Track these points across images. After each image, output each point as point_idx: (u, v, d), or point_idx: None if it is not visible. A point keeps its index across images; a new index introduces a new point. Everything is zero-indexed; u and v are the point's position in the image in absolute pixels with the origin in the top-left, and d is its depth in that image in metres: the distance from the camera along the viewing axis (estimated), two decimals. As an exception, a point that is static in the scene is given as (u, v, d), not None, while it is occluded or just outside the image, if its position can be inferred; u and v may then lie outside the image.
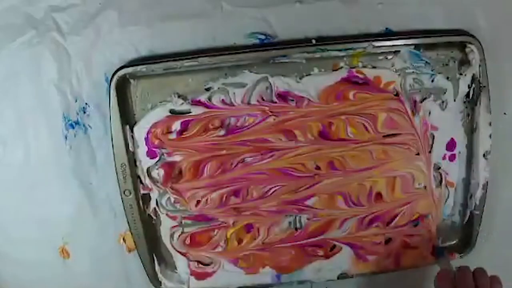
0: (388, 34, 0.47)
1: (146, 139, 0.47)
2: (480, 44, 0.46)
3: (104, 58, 0.47)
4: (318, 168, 0.48)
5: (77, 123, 0.49)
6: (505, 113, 0.50)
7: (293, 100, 0.46)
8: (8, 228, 0.51)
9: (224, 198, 0.49)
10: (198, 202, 0.49)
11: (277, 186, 0.48)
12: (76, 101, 0.48)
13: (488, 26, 0.47)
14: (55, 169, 0.49)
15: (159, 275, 0.51)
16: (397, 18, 0.47)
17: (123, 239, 0.52)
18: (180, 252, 0.51)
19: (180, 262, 0.51)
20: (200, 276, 0.51)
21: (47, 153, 0.49)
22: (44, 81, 0.47)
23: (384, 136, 0.48)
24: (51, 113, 0.48)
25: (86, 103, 0.48)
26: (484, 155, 0.49)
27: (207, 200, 0.49)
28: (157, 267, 0.51)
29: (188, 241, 0.51)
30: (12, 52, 0.47)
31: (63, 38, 0.46)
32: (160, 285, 0.51)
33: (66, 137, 0.49)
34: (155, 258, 0.50)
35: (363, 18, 0.47)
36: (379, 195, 0.49)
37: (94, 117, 0.48)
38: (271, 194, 0.49)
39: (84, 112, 0.48)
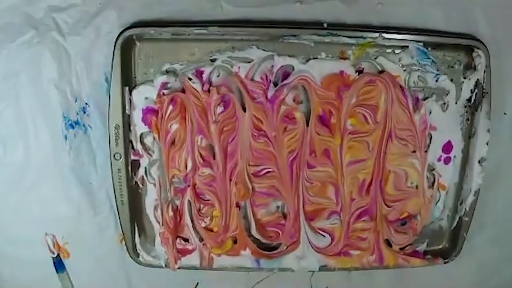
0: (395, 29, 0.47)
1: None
2: (487, 50, 0.46)
3: (104, 58, 0.47)
4: (313, 154, 0.48)
5: (77, 123, 0.49)
6: (505, 113, 0.50)
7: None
8: (8, 228, 0.51)
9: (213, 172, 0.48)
10: (187, 175, 0.48)
11: (269, 167, 0.48)
12: (76, 101, 0.48)
13: (490, 32, 0.47)
14: (55, 169, 0.49)
15: (138, 246, 0.50)
16: (397, 18, 0.47)
17: (123, 239, 0.52)
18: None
19: (161, 236, 0.51)
20: (180, 252, 0.50)
21: (47, 153, 0.49)
22: (44, 81, 0.47)
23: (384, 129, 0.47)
24: (51, 113, 0.48)
25: (86, 103, 0.48)
26: (479, 161, 0.48)
27: (196, 173, 0.48)
28: (137, 238, 0.50)
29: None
30: (12, 52, 0.47)
31: (63, 38, 0.47)
32: (138, 257, 0.51)
33: (66, 137, 0.49)
34: (136, 227, 0.50)
35: (362, 18, 0.47)
36: (370, 189, 0.49)
37: (94, 117, 0.49)
38: (263, 175, 0.48)
39: (84, 112, 0.49)
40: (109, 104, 0.46)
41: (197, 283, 0.54)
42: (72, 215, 0.51)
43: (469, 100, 0.48)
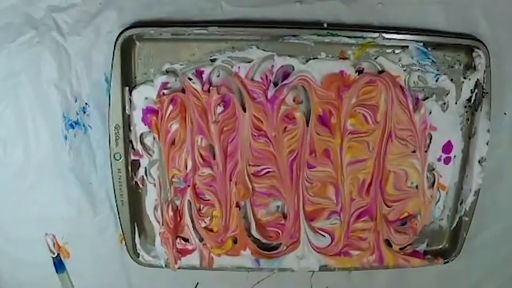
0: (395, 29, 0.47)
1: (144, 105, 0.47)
2: (487, 50, 0.46)
3: (104, 58, 0.47)
4: (313, 154, 0.48)
5: (77, 123, 0.49)
6: (505, 113, 0.50)
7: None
8: (8, 228, 0.51)
9: (214, 172, 0.48)
10: (187, 175, 0.48)
11: (269, 167, 0.48)
12: (76, 101, 0.48)
13: (490, 32, 0.47)
14: (55, 169, 0.49)
15: (138, 246, 0.50)
16: (397, 18, 0.47)
17: (123, 239, 0.52)
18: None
19: (161, 236, 0.51)
20: (180, 252, 0.50)
21: (47, 153, 0.49)
22: (44, 81, 0.47)
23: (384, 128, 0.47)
24: (51, 113, 0.48)
25: (86, 103, 0.48)
26: (479, 161, 0.48)
27: (196, 173, 0.48)
28: (137, 238, 0.50)
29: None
30: (12, 52, 0.47)
31: (63, 38, 0.47)
32: (138, 257, 0.51)
33: (66, 137, 0.49)
34: (136, 228, 0.50)
35: (362, 18, 0.47)
36: (370, 189, 0.49)
37: (94, 117, 0.49)
38: (263, 175, 0.48)
39: (84, 112, 0.49)
40: (109, 104, 0.46)
41: (197, 283, 0.55)
42: (72, 215, 0.51)
43: (469, 100, 0.48)
